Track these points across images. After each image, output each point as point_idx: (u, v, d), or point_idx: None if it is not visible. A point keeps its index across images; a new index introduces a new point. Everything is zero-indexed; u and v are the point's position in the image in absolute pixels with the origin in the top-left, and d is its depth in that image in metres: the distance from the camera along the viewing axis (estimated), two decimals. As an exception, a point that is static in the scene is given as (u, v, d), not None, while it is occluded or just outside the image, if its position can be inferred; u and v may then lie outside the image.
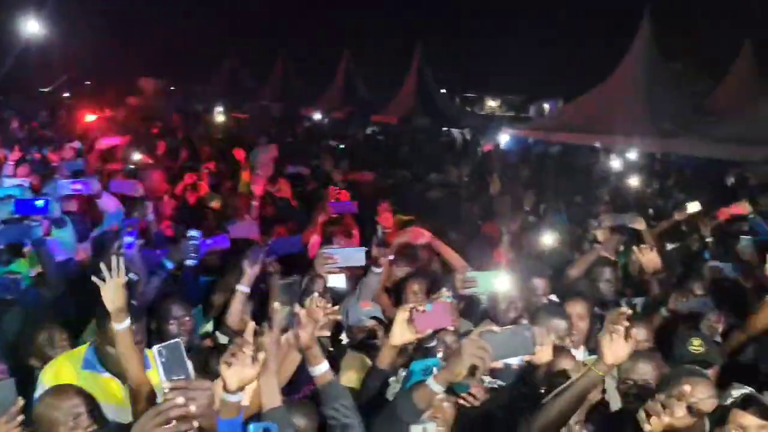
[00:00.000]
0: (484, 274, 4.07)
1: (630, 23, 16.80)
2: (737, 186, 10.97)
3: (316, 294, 2.88)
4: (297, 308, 2.64)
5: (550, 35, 30.37)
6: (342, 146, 14.81)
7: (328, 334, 3.40)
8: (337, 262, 4.19)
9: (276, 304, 2.65)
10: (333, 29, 33.35)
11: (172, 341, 2.01)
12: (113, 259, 2.95)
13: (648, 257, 4.62)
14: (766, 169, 13.08)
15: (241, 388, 2.11)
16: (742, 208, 6.64)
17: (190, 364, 2.06)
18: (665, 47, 16.53)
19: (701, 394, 2.78)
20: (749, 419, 2.59)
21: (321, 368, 2.61)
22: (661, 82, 15.81)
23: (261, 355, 2.11)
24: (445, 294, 2.82)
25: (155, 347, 1.98)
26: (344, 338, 4.03)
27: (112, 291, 2.90)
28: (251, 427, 2.19)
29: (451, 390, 2.59)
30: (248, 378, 2.12)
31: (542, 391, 2.87)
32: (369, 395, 2.90)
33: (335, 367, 2.91)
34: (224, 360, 2.11)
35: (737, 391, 3.09)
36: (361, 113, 23.36)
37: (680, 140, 13.94)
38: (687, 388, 2.29)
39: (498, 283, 3.96)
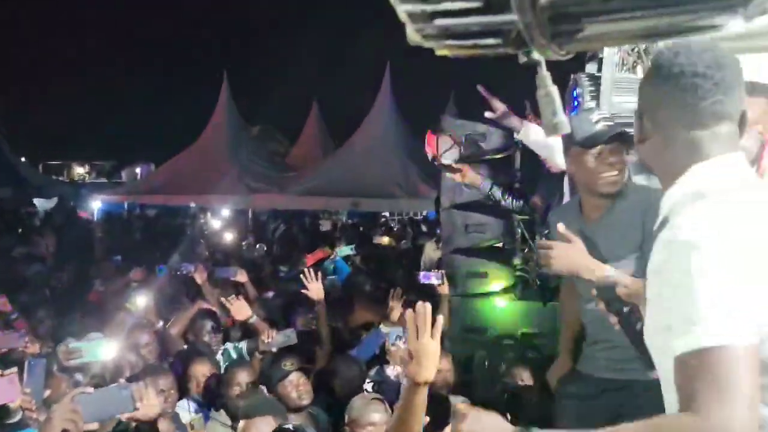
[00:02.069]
0: (90, 344, 4.11)
1: (211, 89, 17.83)
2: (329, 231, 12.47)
3: None
4: None
5: (137, 99, 30.35)
6: None
7: None
8: None
9: None
10: None
11: None
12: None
13: (237, 306, 5.05)
14: (341, 217, 15.03)
15: None
16: (323, 252, 7.77)
17: None
18: (244, 111, 17.84)
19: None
20: None
21: None
22: (245, 143, 16.99)
23: None
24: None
25: None
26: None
27: None
28: None
29: None
30: None
31: None
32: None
33: None
34: None
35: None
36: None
37: (267, 196, 15.14)
38: None
39: (104, 350, 4.05)
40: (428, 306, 2.12)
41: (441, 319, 2.17)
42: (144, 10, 32.57)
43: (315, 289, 5.03)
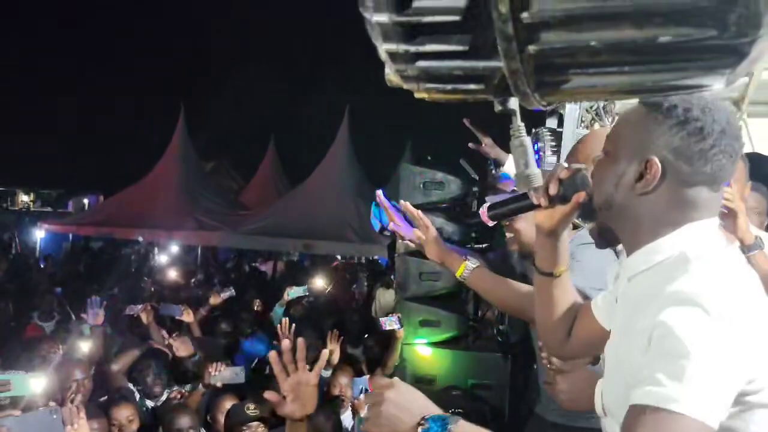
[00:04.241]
0: (19, 376, 3.96)
1: (167, 121, 17.65)
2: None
3: None
4: None
5: (87, 129, 29.87)
6: None
7: None
8: None
9: None
10: None
11: None
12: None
13: (178, 343, 4.96)
14: (292, 258, 14.88)
15: None
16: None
17: None
18: (199, 145, 17.65)
19: None
20: None
21: None
22: (197, 178, 16.77)
23: None
24: None
25: None
26: None
27: None
28: None
29: None
30: None
31: None
32: None
33: None
34: None
35: None
36: None
37: (218, 233, 14.93)
38: None
39: (34, 384, 3.91)
40: (301, 340, 2.12)
41: (324, 354, 2.20)
42: (99, 38, 32.32)
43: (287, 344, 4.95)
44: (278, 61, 29.96)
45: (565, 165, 1.68)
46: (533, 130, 3.50)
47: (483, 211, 2.03)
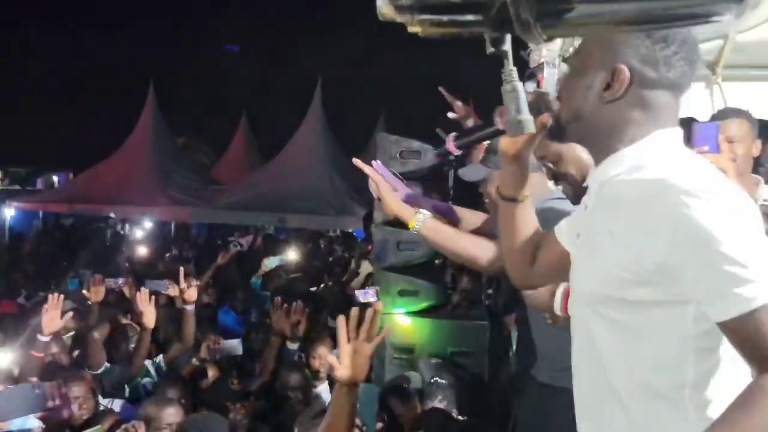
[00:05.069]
0: None
1: (136, 97, 17.34)
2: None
3: None
4: None
5: (54, 106, 29.31)
6: None
7: None
8: None
9: None
10: None
11: None
12: None
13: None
14: (268, 231, 14.80)
15: None
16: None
17: None
18: (170, 121, 17.40)
19: None
20: None
21: None
22: (169, 154, 16.54)
23: None
24: None
25: None
26: None
27: None
28: None
29: None
30: None
31: None
32: None
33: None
34: None
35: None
36: None
37: (191, 208, 14.80)
38: None
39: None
40: (371, 310, 2.24)
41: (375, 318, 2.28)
42: (66, 11, 31.59)
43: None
44: (248, 35, 29.53)
45: (529, 90, 1.73)
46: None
47: (449, 141, 2.05)
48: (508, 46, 1.14)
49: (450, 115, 3.93)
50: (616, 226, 1.51)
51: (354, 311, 2.18)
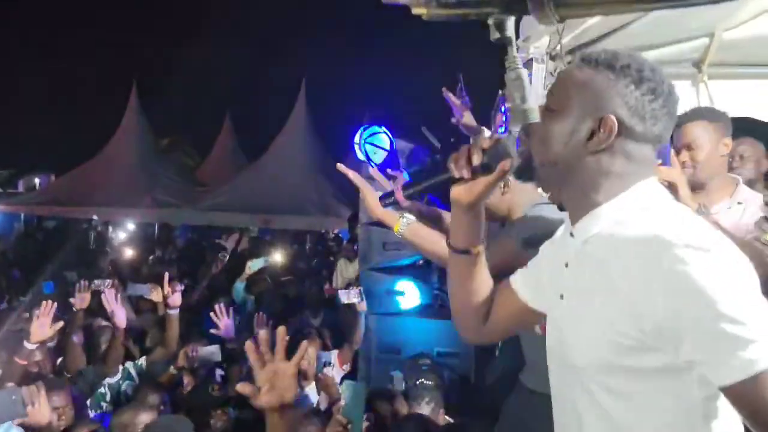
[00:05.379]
0: None
1: (118, 98, 17.20)
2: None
3: None
4: None
5: (36, 107, 29.02)
6: None
7: None
8: None
9: None
10: None
11: None
12: None
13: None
14: (252, 233, 14.71)
15: None
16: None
17: None
18: (153, 122, 17.27)
19: None
20: None
21: None
22: (153, 155, 16.41)
23: None
24: None
25: None
26: None
27: None
28: None
29: None
30: None
31: None
32: None
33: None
34: None
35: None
36: None
37: (175, 210, 14.68)
38: None
39: None
40: (282, 329, 1.98)
41: (303, 346, 2.02)
42: (46, 14, 31.28)
43: (226, 326, 4.83)
44: (232, 35, 29.40)
45: (486, 133, 1.64)
46: (500, 92, 3.42)
47: (397, 191, 1.86)
48: (511, 32, 1.10)
49: (453, 120, 3.84)
50: (609, 287, 1.42)
51: (281, 331, 1.96)
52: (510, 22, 1.01)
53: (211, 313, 4.88)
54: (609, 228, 1.47)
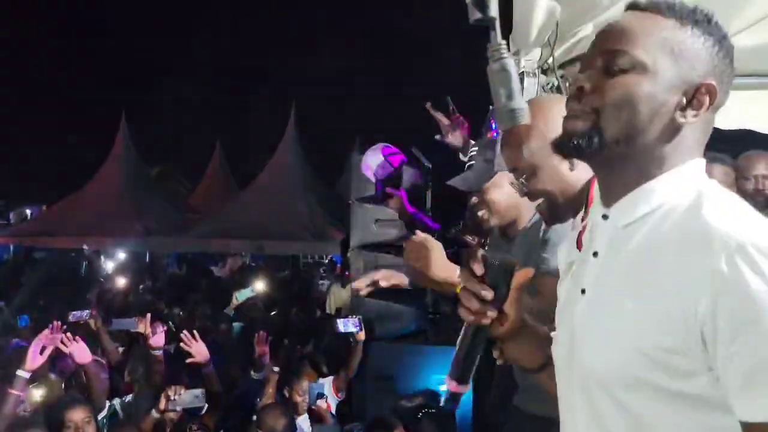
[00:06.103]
0: None
1: (108, 126, 17.09)
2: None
3: None
4: None
5: (26, 137, 28.89)
6: None
7: None
8: None
9: None
10: None
11: None
12: None
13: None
14: (245, 259, 14.57)
15: None
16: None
17: None
18: (144, 150, 17.17)
19: None
20: None
21: None
22: (143, 184, 16.28)
23: None
24: None
25: None
26: None
27: None
28: None
29: None
30: None
31: None
32: None
33: None
34: None
35: None
36: None
37: (166, 238, 14.52)
38: None
39: None
40: None
41: None
42: (36, 42, 31.21)
43: (198, 350, 4.63)
44: (221, 62, 29.39)
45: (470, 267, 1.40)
46: (491, 106, 3.28)
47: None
48: (495, 12, 0.92)
49: (438, 137, 3.69)
50: (647, 285, 1.16)
51: None
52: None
53: (181, 344, 4.67)
54: (658, 212, 1.21)
